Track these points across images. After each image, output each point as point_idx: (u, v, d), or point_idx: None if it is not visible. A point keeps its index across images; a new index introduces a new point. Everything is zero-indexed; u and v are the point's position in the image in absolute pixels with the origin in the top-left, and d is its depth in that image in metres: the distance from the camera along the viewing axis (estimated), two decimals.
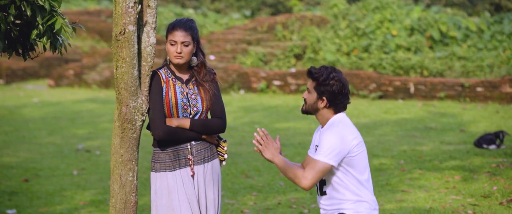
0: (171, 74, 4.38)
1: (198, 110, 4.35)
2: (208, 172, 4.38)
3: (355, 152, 4.26)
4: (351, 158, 4.26)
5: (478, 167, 9.16)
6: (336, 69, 4.36)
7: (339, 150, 4.21)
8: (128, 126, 4.03)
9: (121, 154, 4.03)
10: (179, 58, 4.30)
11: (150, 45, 4.09)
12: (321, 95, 4.29)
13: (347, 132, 4.27)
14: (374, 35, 19.66)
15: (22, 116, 15.72)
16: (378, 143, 11.46)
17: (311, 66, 4.36)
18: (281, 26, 21.61)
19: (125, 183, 4.04)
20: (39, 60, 22.82)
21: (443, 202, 7.56)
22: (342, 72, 4.41)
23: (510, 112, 14.21)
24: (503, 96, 15.30)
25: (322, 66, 4.35)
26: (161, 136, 4.23)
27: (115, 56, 3.97)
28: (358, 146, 4.28)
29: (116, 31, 3.92)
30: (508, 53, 17.96)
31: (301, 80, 17.66)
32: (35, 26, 3.72)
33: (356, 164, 4.28)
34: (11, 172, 9.79)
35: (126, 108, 4.00)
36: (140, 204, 7.74)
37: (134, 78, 4.00)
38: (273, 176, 9.25)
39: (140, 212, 7.73)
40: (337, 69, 4.37)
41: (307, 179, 4.17)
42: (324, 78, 4.27)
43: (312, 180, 4.17)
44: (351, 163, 4.27)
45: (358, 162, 4.29)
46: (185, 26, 4.30)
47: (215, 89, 4.41)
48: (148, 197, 7.78)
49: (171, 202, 4.24)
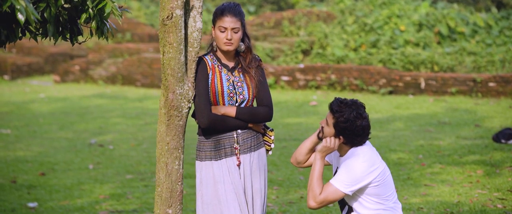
0: (217, 61, 4.27)
1: (245, 98, 4.23)
2: (255, 161, 4.27)
3: (377, 181, 4.12)
4: (374, 187, 4.13)
5: (499, 161, 9.07)
6: (361, 108, 4.12)
7: (358, 180, 4.07)
8: (174, 113, 3.92)
9: (167, 141, 3.92)
10: (229, 45, 4.19)
11: (197, 30, 3.98)
12: (339, 134, 4.12)
13: (368, 163, 4.09)
14: (382, 31, 19.56)
15: (30, 111, 15.61)
16: (394, 138, 11.37)
17: (336, 98, 4.15)
18: (288, 21, 21.51)
19: (171, 172, 3.93)
20: (44, 56, 22.70)
21: (469, 196, 7.47)
22: (365, 108, 4.17)
23: None
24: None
25: (346, 103, 4.12)
26: (207, 123, 4.11)
27: (162, 41, 3.87)
28: (381, 175, 4.13)
29: (163, 16, 3.81)
30: None
31: (309, 75, 17.56)
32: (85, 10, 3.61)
33: (383, 191, 4.15)
34: (27, 166, 9.69)
35: (173, 95, 3.89)
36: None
37: (181, 64, 3.90)
38: (292, 171, 9.16)
39: None
40: (362, 108, 4.13)
41: (316, 202, 4.08)
42: (344, 120, 4.07)
43: (319, 205, 4.10)
44: (377, 192, 4.14)
45: (385, 189, 4.15)
46: (234, 11, 4.19)
47: (261, 76, 4.30)
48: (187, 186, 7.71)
49: (216, 192, 4.14)
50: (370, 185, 4.10)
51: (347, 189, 4.06)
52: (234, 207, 4.11)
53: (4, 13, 3.29)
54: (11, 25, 3.44)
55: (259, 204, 4.25)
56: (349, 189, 4.07)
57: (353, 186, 4.06)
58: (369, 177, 4.08)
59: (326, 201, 4.07)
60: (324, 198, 4.06)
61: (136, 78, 20.00)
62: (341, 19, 21.24)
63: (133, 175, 9.25)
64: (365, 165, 4.09)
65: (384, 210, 4.13)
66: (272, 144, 4.39)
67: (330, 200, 4.08)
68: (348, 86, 17.08)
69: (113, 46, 21.89)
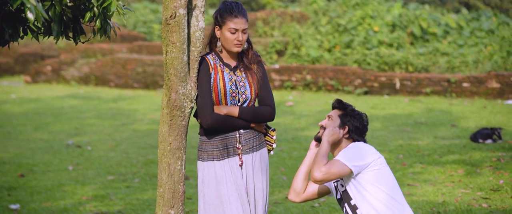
0: (219, 60, 4.24)
1: (247, 97, 4.21)
2: (257, 161, 4.24)
3: (379, 164, 4.15)
4: (375, 172, 4.13)
5: (479, 161, 9.16)
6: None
7: (362, 157, 4.13)
8: (177, 113, 3.87)
9: (170, 142, 3.88)
10: (239, 46, 4.18)
11: (199, 29, 3.95)
12: (344, 124, 4.29)
13: (367, 147, 4.25)
14: (356, 31, 19.67)
15: (2, 112, 15.41)
16: (373, 138, 11.42)
17: (339, 98, 4.42)
18: (262, 22, 21.52)
19: (173, 172, 3.89)
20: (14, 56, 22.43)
21: (453, 196, 7.52)
22: None
23: (498, 107, 14.29)
24: (490, 91, 15.39)
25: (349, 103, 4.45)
26: (210, 123, 4.08)
27: (165, 41, 3.82)
28: (381, 160, 4.19)
29: (167, 15, 3.76)
30: (490, 49, 18.09)
31: (285, 76, 17.58)
32: (89, 8, 3.55)
33: (385, 178, 4.15)
34: (5, 167, 9.55)
35: (176, 94, 3.85)
36: None
37: (184, 64, 3.86)
38: (274, 171, 9.15)
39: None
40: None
41: (321, 172, 4.06)
42: (352, 109, 4.35)
43: (324, 176, 4.06)
44: (379, 178, 4.14)
45: (387, 176, 4.17)
46: (243, 12, 4.18)
47: (262, 73, 4.28)
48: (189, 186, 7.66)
49: (219, 192, 4.10)
50: (371, 167, 4.11)
51: (351, 163, 4.08)
52: (237, 208, 4.08)
53: (9, 12, 3.23)
54: (15, 24, 3.38)
55: (261, 204, 4.23)
56: (353, 164, 4.08)
57: (357, 161, 4.10)
58: (371, 156, 4.14)
59: (329, 173, 4.03)
60: (328, 169, 4.04)
61: (110, 78, 19.85)
62: (315, 19, 21.31)
63: (114, 176, 9.16)
64: (366, 147, 4.23)
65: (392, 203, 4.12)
66: (274, 144, 4.37)
67: (334, 172, 4.05)
68: (323, 86, 17.14)
69: (86, 46, 21.71)
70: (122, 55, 20.23)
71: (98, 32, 3.72)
